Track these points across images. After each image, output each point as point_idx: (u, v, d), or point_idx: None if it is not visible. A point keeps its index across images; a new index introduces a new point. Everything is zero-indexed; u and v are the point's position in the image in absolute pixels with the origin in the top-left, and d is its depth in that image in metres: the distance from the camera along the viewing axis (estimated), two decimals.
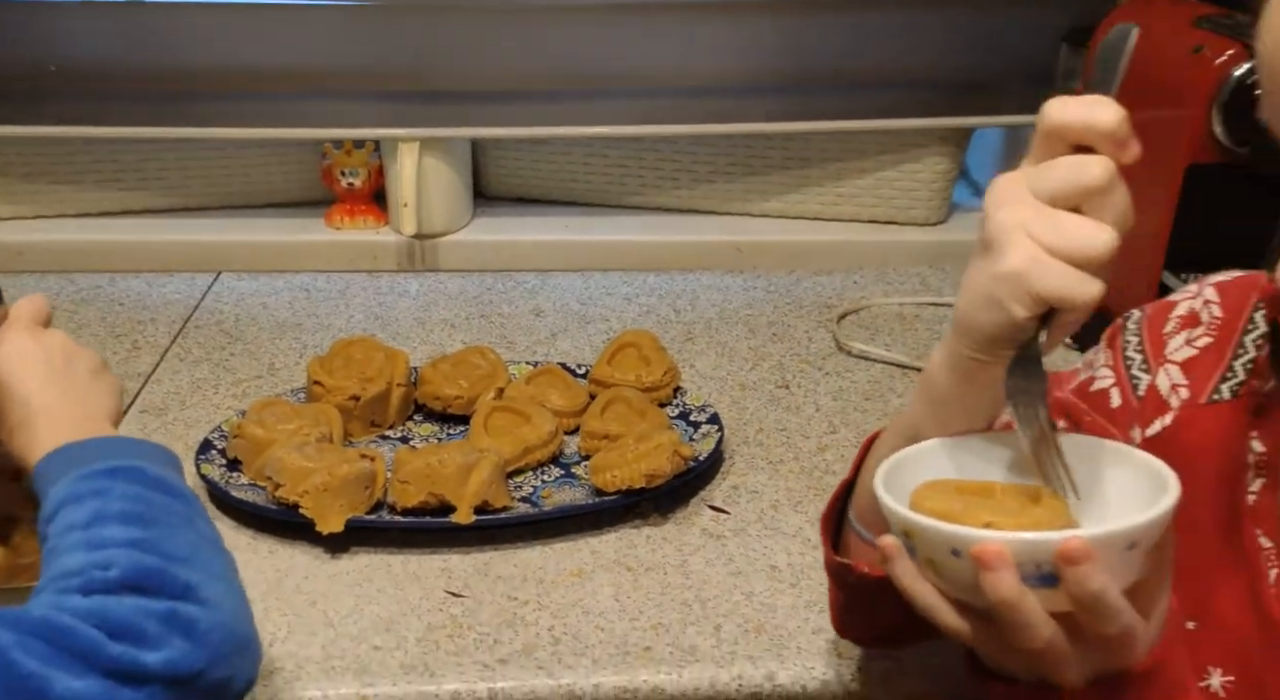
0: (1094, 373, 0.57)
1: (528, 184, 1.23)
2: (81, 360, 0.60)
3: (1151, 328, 0.56)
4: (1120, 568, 0.41)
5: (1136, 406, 0.54)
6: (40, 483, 0.54)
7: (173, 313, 1.04)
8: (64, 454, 0.54)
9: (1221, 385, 0.52)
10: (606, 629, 0.66)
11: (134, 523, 0.50)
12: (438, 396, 0.84)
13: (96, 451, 0.54)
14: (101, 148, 1.12)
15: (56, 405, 0.56)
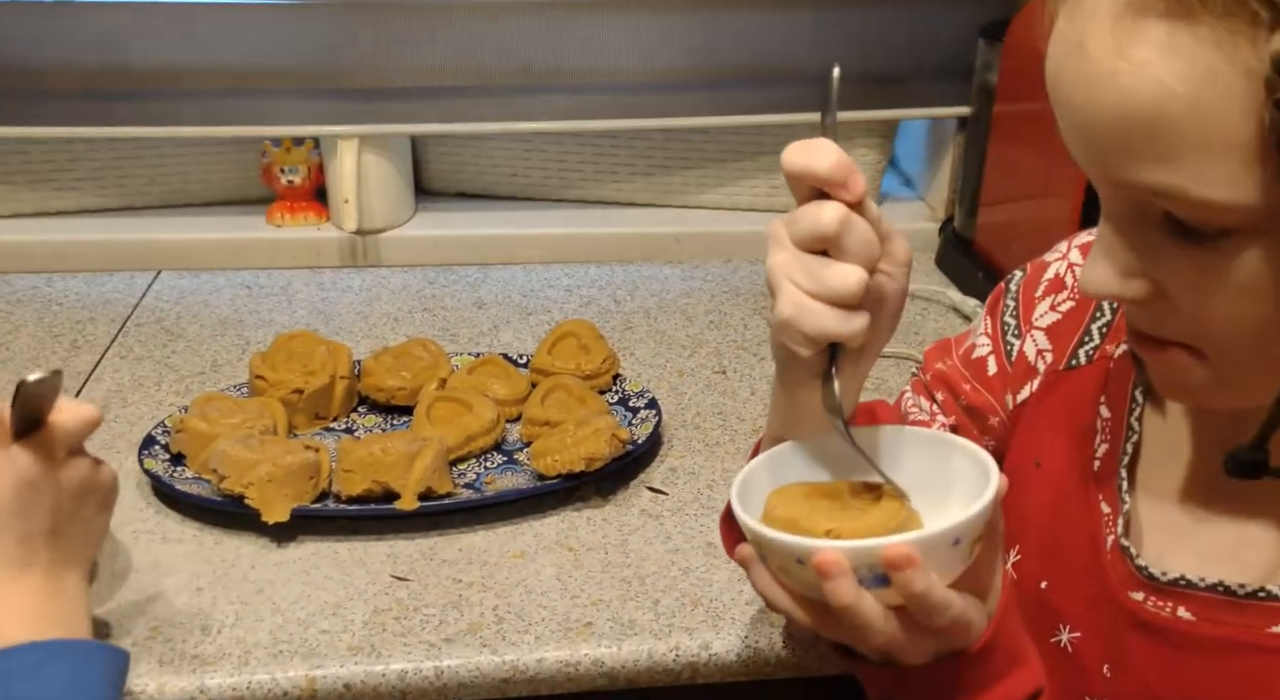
0: (975, 340, 0.61)
1: (468, 179, 1.25)
2: (91, 501, 0.58)
3: (1026, 291, 0.58)
4: (947, 562, 0.45)
5: (1010, 372, 0.58)
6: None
7: (112, 312, 1.04)
8: (23, 665, 0.51)
9: (1079, 350, 0.55)
10: (549, 607, 0.69)
11: None
12: (381, 388, 0.86)
13: (64, 680, 0.51)
14: (36, 148, 1.11)
15: (29, 565, 0.54)
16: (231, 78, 1.08)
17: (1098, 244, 0.42)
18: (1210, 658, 0.46)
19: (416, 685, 0.64)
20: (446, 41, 1.10)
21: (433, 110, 1.13)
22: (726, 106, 1.16)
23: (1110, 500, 0.50)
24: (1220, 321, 0.40)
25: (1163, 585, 0.47)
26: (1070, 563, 0.51)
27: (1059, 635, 0.52)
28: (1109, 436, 0.52)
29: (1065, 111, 0.39)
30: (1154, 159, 0.36)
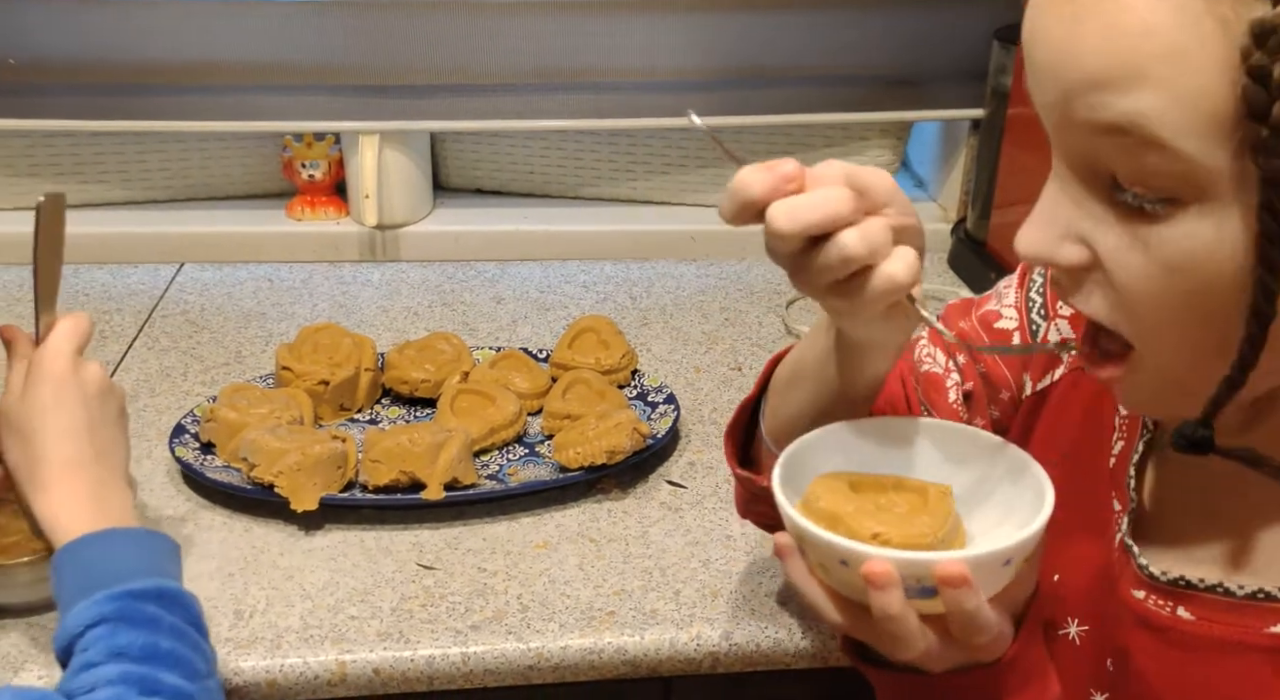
0: (1000, 308, 0.60)
1: (486, 176, 1.26)
2: (111, 402, 0.61)
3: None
4: (996, 581, 0.46)
5: (1032, 355, 0.58)
6: (67, 568, 0.55)
7: (138, 303, 1.05)
8: (98, 545, 0.55)
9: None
10: (572, 596, 0.70)
11: (183, 672, 0.53)
12: (405, 380, 0.87)
13: (134, 556, 0.56)
14: (63, 141, 1.13)
15: (79, 463, 0.58)
16: (254, 74, 1.10)
17: (1038, 206, 0.42)
18: (1209, 656, 0.47)
19: (444, 671, 0.65)
20: (466, 39, 1.12)
21: (452, 107, 1.14)
22: (742, 106, 1.18)
23: (1121, 498, 0.52)
24: (1148, 301, 0.39)
25: (1163, 585, 0.49)
26: (1081, 558, 0.52)
27: (1068, 627, 0.53)
28: (1125, 434, 0.53)
29: (1039, 53, 0.40)
30: (1123, 94, 0.36)
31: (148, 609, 0.54)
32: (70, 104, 1.07)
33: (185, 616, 0.55)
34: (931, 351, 0.62)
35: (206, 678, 0.55)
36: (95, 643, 0.52)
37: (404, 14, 1.10)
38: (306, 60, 1.10)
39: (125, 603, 0.53)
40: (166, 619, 0.54)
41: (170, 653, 0.53)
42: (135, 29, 1.06)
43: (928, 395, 0.61)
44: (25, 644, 0.64)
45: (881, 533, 0.46)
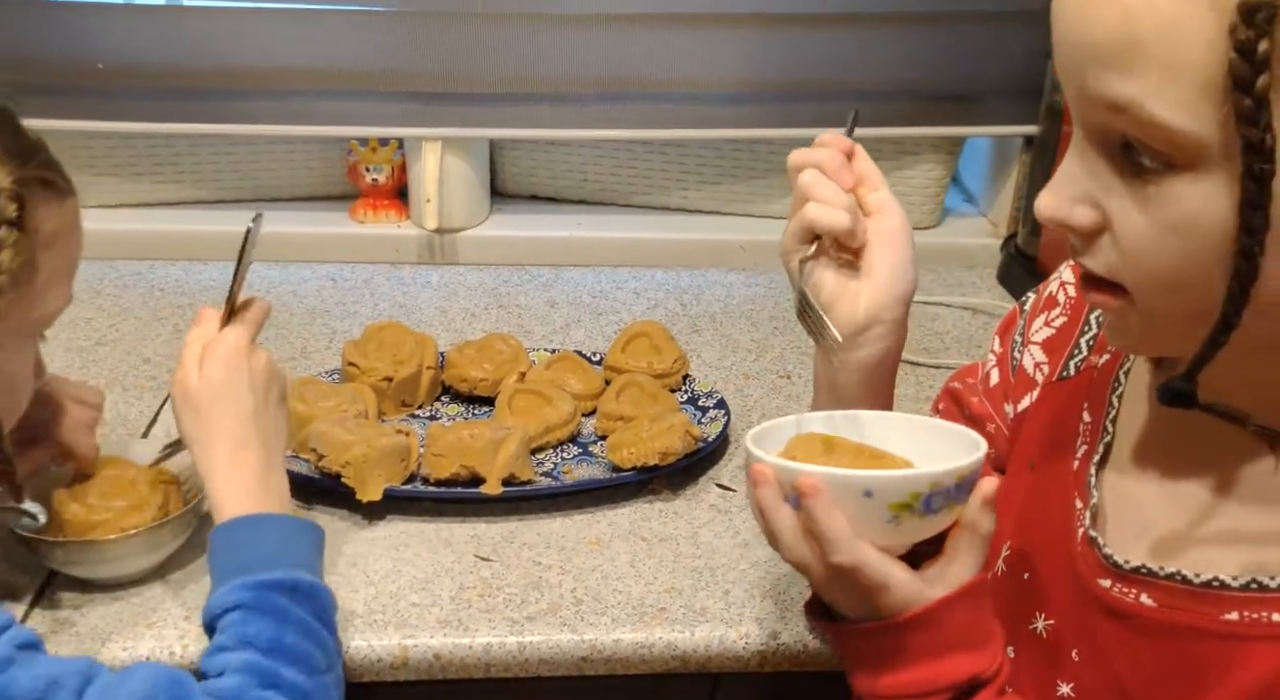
0: (986, 359, 0.67)
1: (542, 183, 1.30)
2: (275, 388, 0.67)
3: (1032, 311, 0.63)
4: (862, 514, 0.50)
5: (1011, 383, 0.63)
6: (222, 546, 0.61)
7: (209, 298, 1.09)
8: (248, 530, 0.61)
9: (1070, 362, 0.59)
10: (624, 592, 0.72)
11: (303, 668, 0.57)
12: (464, 378, 0.90)
13: (278, 544, 0.61)
14: (141, 142, 1.18)
15: (245, 446, 0.63)
16: (323, 80, 1.14)
17: (1058, 172, 0.45)
18: (1169, 642, 0.49)
19: (500, 659, 0.68)
20: (527, 50, 1.15)
21: (511, 116, 1.18)
22: (794, 119, 1.19)
23: (1083, 496, 0.54)
24: (1148, 257, 0.43)
25: (1126, 573, 0.51)
26: (1048, 554, 0.55)
27: (1035, 622, 0.55)
28: (1088, 438, 0.56)
29: (1059, 25, 0.43)
30: (1126, 72, 0.40)
31: (279, 601, 0.59)
32: (150, 108, 1.12)
33: (313, 610, 0.60)
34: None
35: (325, 672, 0.59)
36: (229, 627, 0.58)
37: (467, 25, 1.13)
38: (373, 68, 1.14)
39: (259, 593, 0.59)
40: (294, 612, 0.59)
41: (293, 647, 0.58)
42: (211, 37, 1.11)
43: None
44: (111, 617, 0.68)
45: (812, 462, 0.52)
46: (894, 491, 0.50)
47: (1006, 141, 1.26)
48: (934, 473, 0.50)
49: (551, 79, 1.16)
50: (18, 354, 0.60)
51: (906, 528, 0.51)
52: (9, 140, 0.57)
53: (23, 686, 0.51)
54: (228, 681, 0.55)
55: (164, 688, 0.54)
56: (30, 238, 0.56)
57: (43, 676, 0.51)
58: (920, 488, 0.50)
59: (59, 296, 0.61)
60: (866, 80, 1.18)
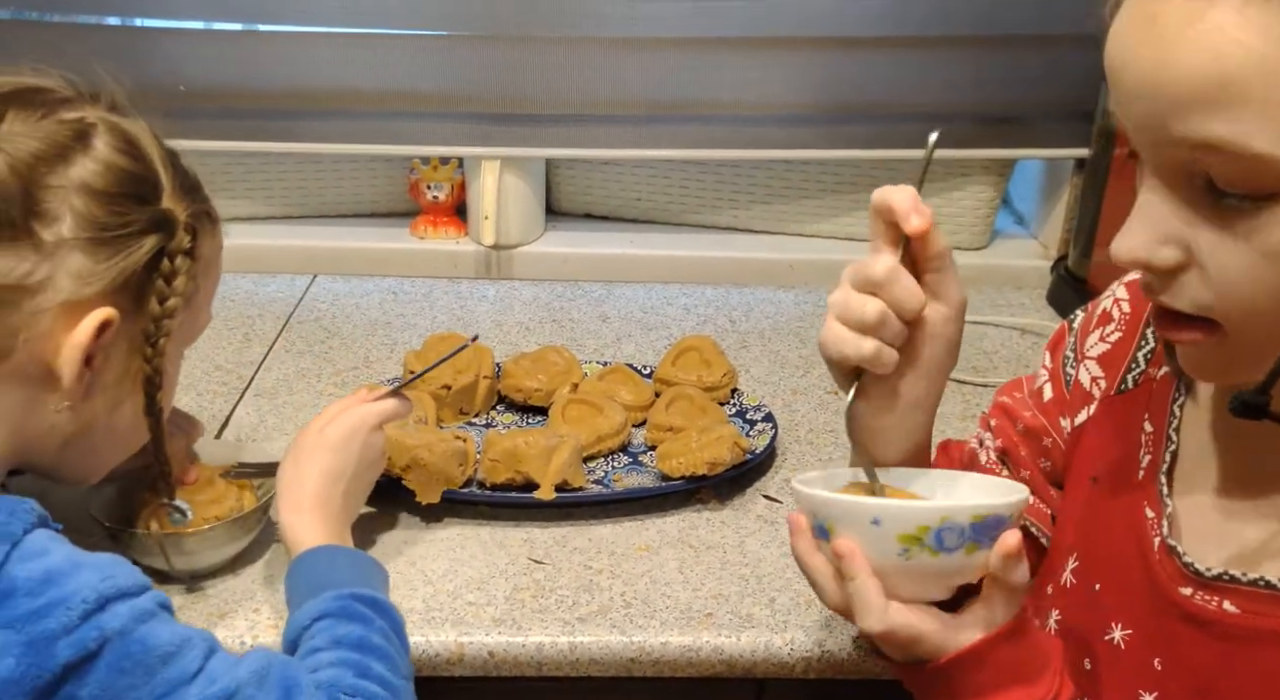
0: (1038, 374, 0.67)
1: (596, 202, 1.33)
2: (376, 469, 0.75)
3: (1085, 325, 0.64)
4: (870, 543, 0.50)
5: (1067, 399, 0.63)
6: (303, 571, 0.66)
7: (277, 310, 1.14)
8: (329, 558, 0.67)
9: (1127, 375, 0.59)
10: (672, 597, 0.74)
11: (389, 666, 0.62)
12: (519, 388, 0.93)
13: (354, 572, 0.67)
14: (217, 160, 1.23)
15: (332, 499, 0.70)
16: (387, 101, 1.18)
17: (1135, 214, 0.46)
18: (1254, 648, 0.49)
19: (552, 658, 0.70)
20: (582, 72, 1.18)
21: (566, 136, 1.21)
22: (843, 140, 1.21)
23: (1153, 505, 0.55)
24: (1244, 288, 0.43)
25: (1208, 580, 0.51)
26: (1121, 565, 0.55)
27: (1111, 633, 0.55)
28: (1151, 448, 0.56)
29: (1130, 78, 0.43)
30: (1220, 112, 0.40)
31: (363, 610, 0.63)
32: (226, 127, 1.17)
33: (391, 625, 0.65)
34: (979, 433, 0.69)
35: (406, 680, 0.63)
36: (320, 633, 0.62)
37: (525, 48, 1.17)
38: (435, 89, 1.18)
39: (347, 602, 0.63)
40: (377, 622, 0.64)
41: (379, 647, 0.62)
42: (284, 60, 1.16)
43: (970, 466, 0.67)
44: (187, 607, 0.71)
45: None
46: (902, 522, 0.49)
47: (1057, 164, 1.27)
48: (944, 506, 0.50)
49: (606, 101, 1.20)
50: (174, 365, 0.67)
51: (921, 565, 0.50)
52: (181, 178, 0.64)
53: (161, 638, 0.54)
54: (325, 672, 0.59)
55: (278, 665, 0.58)
56: (197, 264, 0.63)
57: (179, 634, 0.56)
58: (929, 521, 0.49)
59: (207, 314, 0.69)
60: (917, 102, 1.20)
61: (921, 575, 0.50)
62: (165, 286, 0.61)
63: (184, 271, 0.62)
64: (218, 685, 0.55)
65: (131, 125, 0.63)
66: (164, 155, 0.64)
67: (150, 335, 0.61)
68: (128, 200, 0.60)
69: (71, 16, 1.13)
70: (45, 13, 1.13)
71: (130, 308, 0.60)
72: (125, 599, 0.54)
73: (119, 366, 0.61)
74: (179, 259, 0.61)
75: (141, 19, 1.14)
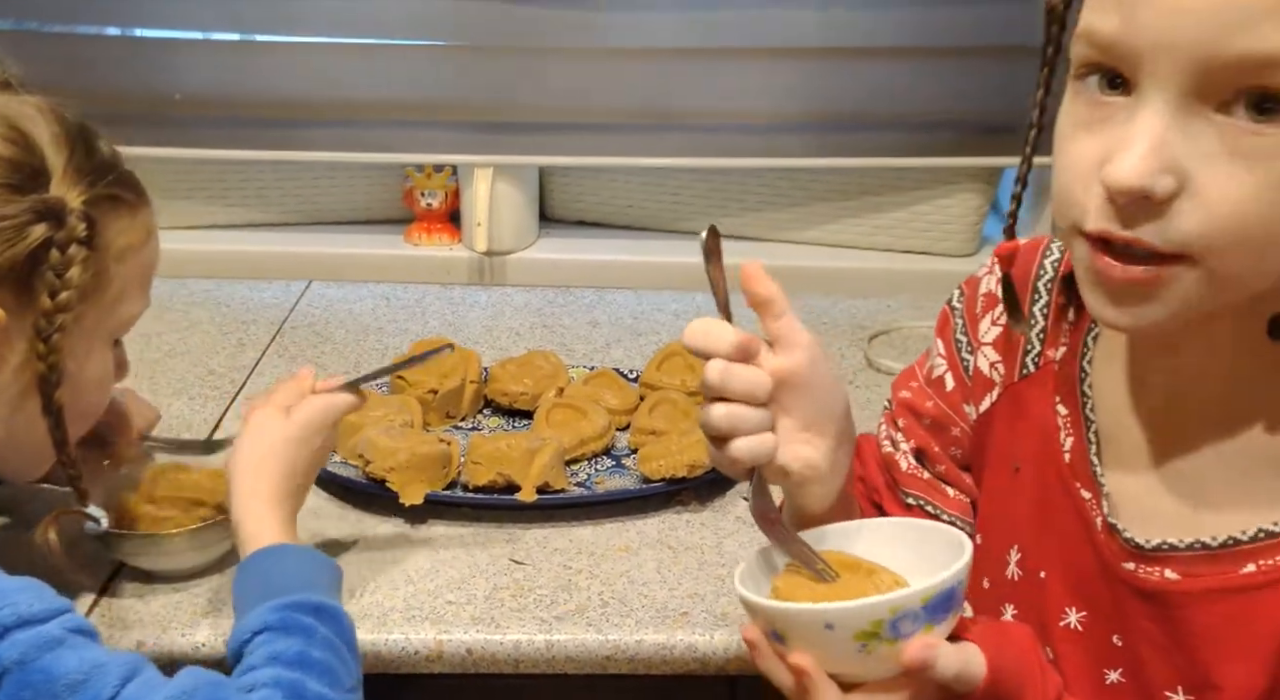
0: (933, 364, 0.66)
1: (589, 209, 1.35)
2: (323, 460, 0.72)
3: (969, 309, 0.63)
4: (827, 646, 0.49)
5: (969, 386, 0.63)
6: (249, 575, 0.64)
7: (271, 315, 1.16)
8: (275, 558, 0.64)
9: (1025, 359, 0.60)
10: (649, 596, 0.76)
11: (328, 681, 0.59)
12: (505, 392, 0.95)
13: (300, 572, 0.64)
14: (213, 168, 1.25)
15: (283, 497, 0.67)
16: (382, 110, 1.20)
17: (1138, 140, 0.43)
18: (1197, 608, 0.51)
19: (529, 655, 0.72)
20: (575, 82, 1.20)
21: (559, 144, 1.23)
22: (831, 149, 1.23)
23: (1088, 486, 0.55)
24: (1240, 218, 0.42)
25: (1148, 553, 0.52)
26: (1067, 549, 0.56)
27: (1066, 618, 0.56)
28: (1071, 430, 0.57)
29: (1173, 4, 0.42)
30: (1275, 23, 0.40)
31: (305, 620, 0.60)
32: (222, 135, 1.19)
33: (337, 631, 0.62)
34: (888, 432, 0.68)
35: (350, 691, 0.61)
36: (257, 649, 0.59)
37: (519, 57, 1.19)
38: (429, 98, 1.20)
39: (286, 613, 0.60)
40: (320, 631, 0.60)
41: (320, 662, 0.59)
42: (279, 69, 1.18)
43: (890, 473, 0.66)
44: (172, 607, 0.73)
45: (801, 597, 0.51)
46: (856, 620, 0.48)
47: (1045, 171, 1.27)
48: (894, 598, 0.48)
49: (598, 109, 1.21)
50: (95, 358, 0.64)
51: (881, 655, 0.49)
52: (82, 160, 0.59)
53: (67, 666, 0.52)
54: (258, 694, 0.56)
55: (204, 686, 0.55)
56: (101, 253, 0.59)
57: (89, 661, 0.53)
58: (882, 615, 0.48)
59: (135, 303, 0.65)
60: (904, 111, 1.21)
61: (885, 659, 0.50)
62: (56, 279, 0.57)
63: (79, 262, 0.57)
64: None
65: (17, 106, 0.58)
66: (65, 137, 0.59)
67: (42, 331, 0.57)
68: (4, 189, 0.56)
69: (72, 27, 1.15)
70: (46, 23, 1.15)
71: (17, 304, 0.57)
72: (26, 627, 0.52)
73: (16, 365, 0.58)
74: (72, 249, 0.57)
75: (140, 29, 1.17)
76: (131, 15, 1.15)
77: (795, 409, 0.53)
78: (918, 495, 0.66)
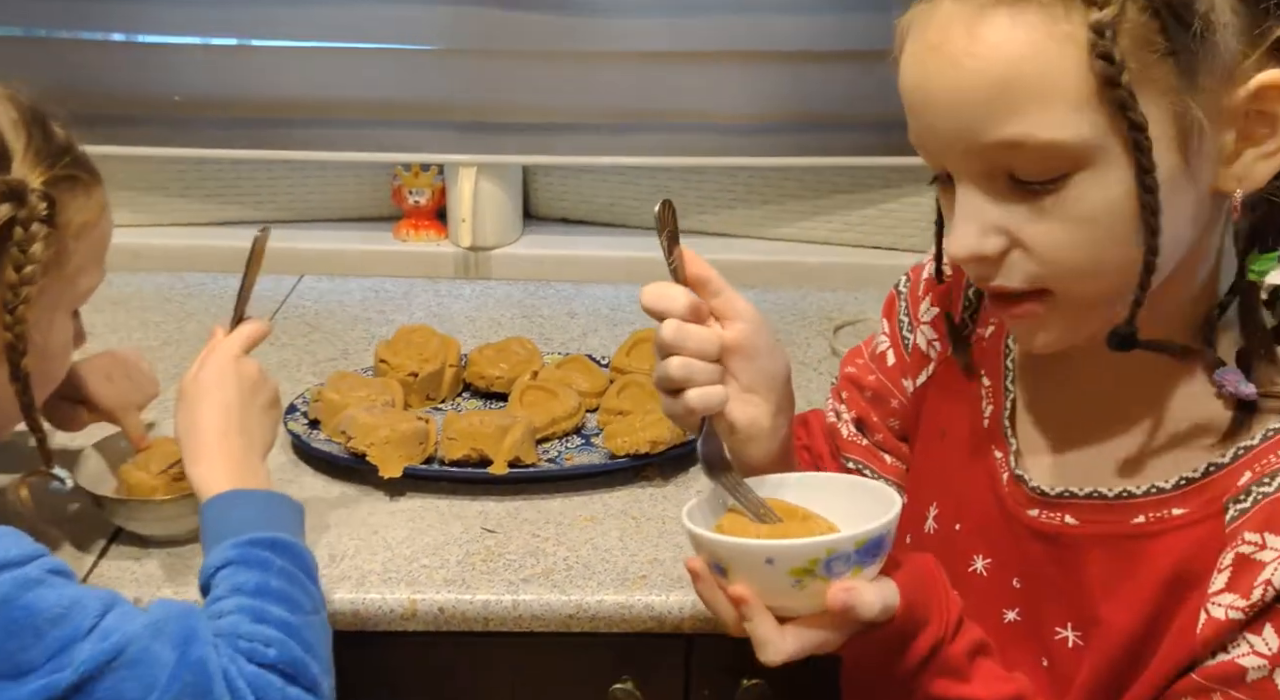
0: (877, 340, 0.73)
1: (571, 207, 1.40)
2: (263, 393, 0.74)
3: (912, 291, 0.70)
4: (764, 580, 0.53)
5: (908, 361, 0.70)
6: (208, 520, 0.67)
7: (264, 307, 1.22)
8: (232, 502, 0.67)
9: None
10: (611, 561, 0.81)
11: (288, 606, 0.63)
12: (483, 375, 1.00)
13: (258, 513, 0.67)
14: (208, 167, 1.31)
15: (227, 436, 0.70)
16: (372, 111, 1.26)
17: (958, 218, 0.52)
18: (1090, 551, 0.57)
19: (497, 613, 0.77)
20: (556, 84, 1.26)
21: (539, 144, 1.28)
22: (804, 148, 1.28)
23: (1000, 447, 0.62)
24: (1068, 252, 0.50)
25: (1051, 499, 0.58)
26: (976, 503, 0.62)
27: (974, 564, 0.62)
28: (992, 399, 0.63)
29: (929, 103, 0.50)
30: (1011, 115, 0.48)
31: (262, 554, 0.65)
32: (218, 136, 1.25)
33: (295, 563, 0.66)
34: (833, 404, 0.75)
35: (311, 613, 0.65)
36: (221, 582, 0.64)
37: (502, 61, 1.25)
38: (417, 99, 1.26)
39: (245, 549, 0.65)
40: (276, 563, 0.65)
41: (278, 590, 0.64)
42: (274, 72, 1.24)
43: (833, 440, 0.73)
44: (165, 569, 0.78)
45: (745, 533, 0.56)
46: (793, 558, 0.53)
47: None
48: (830, 540, 0.54)
49: (578, 110, 1.27)
50: (58, 328, 0.68)
51: (813, 591, 0.54)
52: (40, 142, 0.63)
53: (47, 602, 0.56)
54: (225, 621, 0.62)
55: (175, 616, 0.60)
56: (61, 230, 0.63)
57: (68, 597, 0.57)
58: (818, 554, 0.53)
59: (92, 275, 0.69)
60: (876, 112, 1.26)
61: (815, 595, 0.54)
62: (20, 254, 0.61)
63: (40, 238, 0.62)
64: (110, 640, 0.56)
65: None
66: (23, 122, 0.63)
67: (9, 304, 0.62)
68: None
69: (77, 33, 1.21)
70: (54, 29, 1.21)
71: None
72: (6, 570, 0.56)
73: None
74: (34, 226, 0.61)
75: (142, 35, 1.23)
76: (134, 22, 1.21)
77: (740, 373, 0.60)
78: (857, 460, 0.72)
